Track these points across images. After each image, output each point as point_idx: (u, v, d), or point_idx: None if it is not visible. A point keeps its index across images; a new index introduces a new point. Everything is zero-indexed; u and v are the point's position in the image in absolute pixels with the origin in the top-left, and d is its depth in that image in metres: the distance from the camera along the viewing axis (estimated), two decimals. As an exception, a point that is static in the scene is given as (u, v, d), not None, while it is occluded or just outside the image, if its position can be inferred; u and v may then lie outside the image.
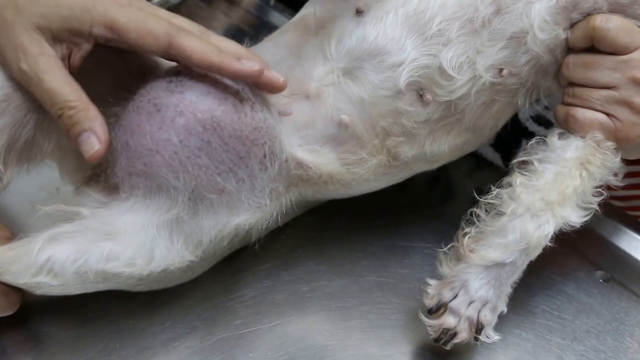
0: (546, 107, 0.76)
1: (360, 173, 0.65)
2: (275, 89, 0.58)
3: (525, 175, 0.61)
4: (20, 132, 0.57)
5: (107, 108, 0.60)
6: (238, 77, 0.56)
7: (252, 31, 1.08)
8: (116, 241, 0.55)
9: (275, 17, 1.10)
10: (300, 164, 0.62)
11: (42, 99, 0.54)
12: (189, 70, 0.57)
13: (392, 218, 0.76)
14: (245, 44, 0.68)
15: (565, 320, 0.66)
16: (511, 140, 0.78)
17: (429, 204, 0.80)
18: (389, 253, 0.72)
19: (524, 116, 0.80)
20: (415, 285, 0.68)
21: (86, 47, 0.55)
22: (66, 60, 0.55)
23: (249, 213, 0.59)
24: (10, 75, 0.55)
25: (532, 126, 0.80)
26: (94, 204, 0.58)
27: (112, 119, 0.59)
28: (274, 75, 0.57)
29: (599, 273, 0.72)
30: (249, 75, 0.56)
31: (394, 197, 0.74)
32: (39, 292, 0.56)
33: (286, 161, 0.61)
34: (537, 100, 0.67)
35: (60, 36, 0.54)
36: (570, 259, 0.73)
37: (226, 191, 0.57)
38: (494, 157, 0.85)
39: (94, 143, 0.53)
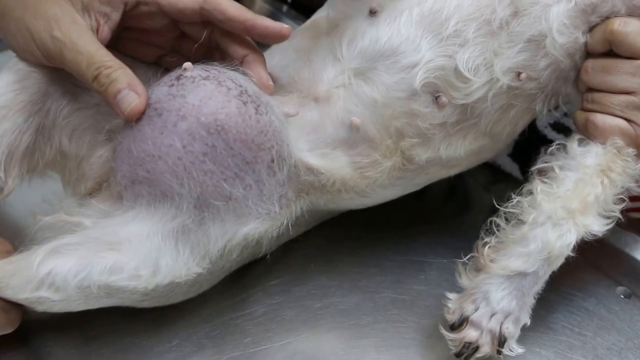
0: (565, 114, 0.76)
1: (374, 177, 0.65)
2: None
3: (545, 182, 0.62)
4: (20, 138, 0.59)
5: (111, 115, 0.61)
6: (270, 32, 0.62)
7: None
8: (120, 252, 0.55)
9: (288, 24, 1.11)
10: (310, 169, 0.63)
11: (76, 62, 0.56)
12: (190, 74, 0.58)
13: (407, 231, 0.77)
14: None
15: (586, 337, 0.66)
16: (530, 150, 0.78)
17: (445, 217, 0.81)
18: (404, 268, 0.73)
19: (543, 124, 0.81)
20: (431, 302, 0.68)
21: (115, 16, 0.59)
22: (95, 32, 0.58)
23: (257, 221, 0.60)
24: (39, 49, 0.57)
25: (551, 134, 0.80)
26: (97, 214, 0.58)
27: (113, 126, 0.61)
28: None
29: (620, 289, 0.72)
30: (280, 34, 0.62)
31: (409, 208, 0.74)
32: (40, 308, 0.56)
33: (295, 166, 0.61)
34: (556, 107, 0.68)
35: (90, 6, 0.58)
36: (590, 274, 0.73)
37: (233, 198, 0.58)
38: (512, 169, 0.85)
39: (132, 97, 0.56)
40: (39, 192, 0.65)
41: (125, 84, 0.56)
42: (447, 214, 0.82)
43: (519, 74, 0.62)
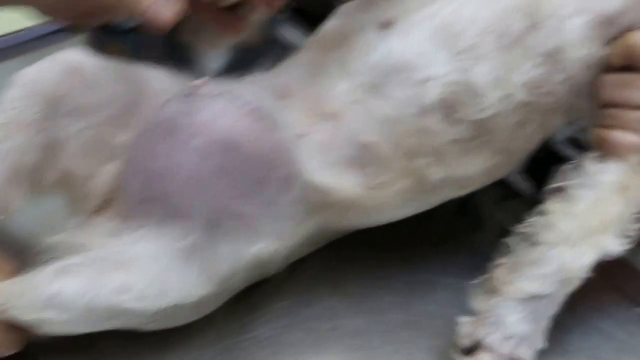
0: (580, 130, 0.76)
1: (385, 198, 0.65)
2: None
3: (561, 202, 0.61)
4: (26, 156, 0.58)
5: (118, 132, 0.61)
6: None
7: (262, 47, 1.10)
8: (128, 272, 0.55)
9: (287, 32, 1.11)
10: (320, 188, 0.62)
11: None
12: (203, 91, 0.59)
13: (417, 250, 0.76)
14: (269, 66, 0.71)
15: (602, 360, 0.66)
16: (542, 167, 0.79)
17: (455, 235, 0.80)
18: (414, 289, 0.72)
19: (557, 139, 0.80)
20: (442, 323, 0.67)
21: None
22: None
23: (267, 240, 0.59)
24: None
25: (566, 150, 0.80)
26: (105, 233, 0.58)
27: (120, 143, 0.61)
28: None
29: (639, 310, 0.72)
30: None
31: (418, 226, 0.73)
32: (46, 329, 0.56)
33: (306, 185, 0.61)
34: (572, 122, 0.68)
35: None
36: (607, 293, 0.72)
37: (244, 216, 0.57)
38: (524, 185, 0.85)
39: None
40: (40, 210, 0.65)
41: None
42: (457, 232, 0.81)
43: (535, 88, 0.62)
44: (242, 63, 0.74)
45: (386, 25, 0.64)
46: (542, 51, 0.61)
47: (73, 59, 0.61)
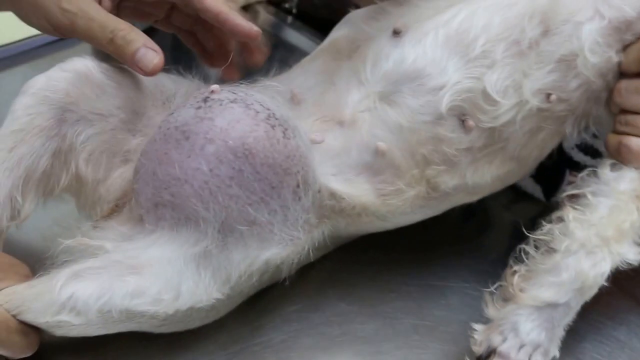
0: (593, 135, 0.76)
1: (397, 205, 0.65)
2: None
3: (577, 209, 0.61)
4: (38, 162, 0.58)
5: (130, 137, 0.62)
6: (239, 31, 0.66)
7: (268, 50, 1.10)
8: (142, 276, 0.55)
9: (293, 35, 1.11)
10: (333, 195, 0.62)
11: (89, 29, 0.61)
12: (218, 97, 0.59)
13: (426, 253, 0.76)
14: (276, 69, 0.71)
15: (617, 369, 0.66)
16: (553, 171, 0.79)
17: (465, 238, 0.81)
18: (424, 293, 0.72)
19: (569, 145, 0.80)
20: (453, 328, 0.68)
21: None
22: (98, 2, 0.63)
23: (280, 246, 0.59)
24: (49, 22, 0.61)
25: (578, 155, 0.80)
26: (118, 237, 0.58)
27: (134, 148, 0.61)
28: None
29: (654, 318, 0.71)
30: (249, 34, 0.66)
31: (427, 230, 0.74)
32: (59, 332, 0.56)
33: (319, 191, 0.61)
34: (586, 128, 0.67)
35: None
36: (620, 300, 0.72)
37: (257, 222, 0.58)
38: (534, 190, 0.85)
39: (152, 55, 0.60)
40: (50, 214, 0.65)
41: (142, 43, 0.60)
42: (467, 235, 0.82)
43: (548, 95, 0.62)
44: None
45: (398, 33, 0.64)
46: (557, 57, 0.62)
47: (82, 66, 0.61)
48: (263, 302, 0.69)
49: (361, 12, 0.71)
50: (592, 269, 0.58)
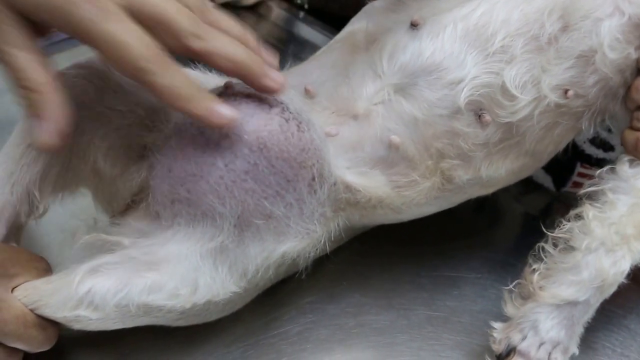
0: (608, 130, 0.76)
1: (412, 197, 0.64)
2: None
3: (597, 207, 0.61)
4: (55, 158, 0.58)
5: (147, 133, 0.61)
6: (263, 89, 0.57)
7: (281, 45, 1.10)
8: (159, 271, 0.55)
9: (305, 30, 1.11)
10: (348, 187, 0.62)
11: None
12: (232, 92, 0.58)
13: (438, 245, 0.77)
14: (289, 64, 0.70)
15: (629, 358, 0.66)
16: (564, 163, 0.78)
17: (476, 230, 0.81)
18: (437, 284, 0.72)
19: (581, 138, 0.80)
20: (466, 318, 0.68)
21: None
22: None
23: (296, 239, 0.59)
24: None
25: (590, 149, 0.80)
26: (135, 233, 0.58)
27: (151, 144, 0.61)
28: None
29: (665, 306, 0.71)
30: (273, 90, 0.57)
31: (439, 222, 0.73)
32: (77, 326, 0.56)
33: (335, 184, 0.61)
34: (602, 123, 0.67)
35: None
36: (632, 291, 0.70)
37: (273, 216, 0.57)
38: (545, 180, 0.85)
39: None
40: (67, 209, 0.65)
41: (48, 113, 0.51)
42: (478, 227, 0.82)
43: (566, 91, 0.61)
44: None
45: (416, 25, 0.63)
46: (575, 53, 0.61)
47: (96, 63, 0.61)
48: (279, 294, 0.69)
49: (378, 5, 0.70)
50: (612, 267, 0.58)
